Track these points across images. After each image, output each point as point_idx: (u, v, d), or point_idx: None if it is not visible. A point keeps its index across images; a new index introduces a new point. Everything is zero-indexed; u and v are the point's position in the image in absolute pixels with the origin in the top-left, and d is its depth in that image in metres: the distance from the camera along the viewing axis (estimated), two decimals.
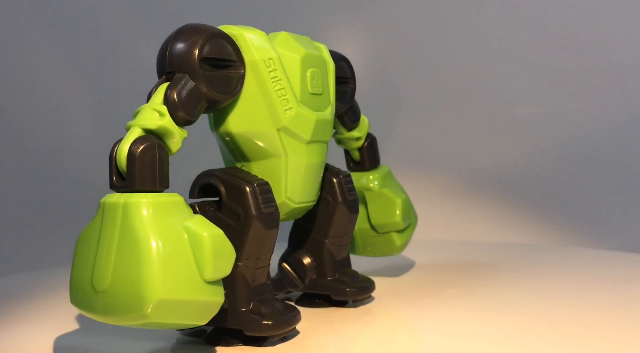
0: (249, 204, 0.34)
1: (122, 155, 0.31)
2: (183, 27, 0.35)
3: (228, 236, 0.32)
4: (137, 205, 0.30)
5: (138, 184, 0.31)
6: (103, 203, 0.31)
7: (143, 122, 0.32)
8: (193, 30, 0.34)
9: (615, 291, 0.45)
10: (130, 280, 0.29)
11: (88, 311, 0.31)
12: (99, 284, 0.30)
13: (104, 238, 0.30)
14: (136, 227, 0.30)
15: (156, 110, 0.32)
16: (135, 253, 0.29)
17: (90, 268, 0.30)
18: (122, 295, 0.29)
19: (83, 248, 0.31)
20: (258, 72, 0.36)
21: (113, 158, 0.31)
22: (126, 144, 0.31)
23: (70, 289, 0.31)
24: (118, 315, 0.30)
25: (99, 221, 0.31)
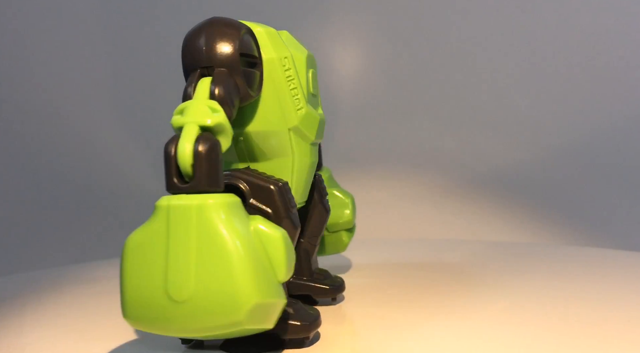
0: (279, 204, 0.34)
1: (186, 154, 0.29)
2: (215, 21, 0.33)
3: None
4: (213, 207, 0.28)
5: (206, 185, 0.29)
6: (166, 206, 0.29)
7: (199, 118, 0.30)
8: (228, 24, 0.33)
9: (616, 290, 0.45)
10: (221, 286, 0.27)
11: (157, 324, 0.28)
12: (178, 294, 0.28)
13: (176, 243, 0.28)
14: (217, 230, 0.28)
15: (208, 106, 0.30)
16: (221, 257, 0.28)
17: (161, 277, 0.28)
18: (211, 303, 0.27)
19: (141, 257, 0.28)
20: (274, 70, 0.35)
21: (172, 158, 0.29)
22: (188, 143, 0.29)
23: (126, 303, 0.28)
24: (205, 324, 0.28)
25: (162, 226, 0.28)
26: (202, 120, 0.30)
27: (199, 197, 0.29)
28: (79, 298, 0.49)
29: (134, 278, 0.28)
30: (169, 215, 0.28)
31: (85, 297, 0.49)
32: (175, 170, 0.29)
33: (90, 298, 0.48)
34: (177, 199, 0.29)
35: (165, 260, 0.28)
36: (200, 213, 0.28)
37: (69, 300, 0.48)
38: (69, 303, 0.47)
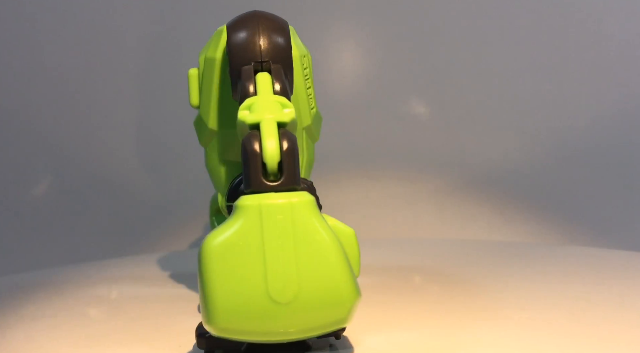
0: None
1: (275, 152, 0.28)
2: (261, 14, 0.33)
3: None
4: (307, 205, 0.27)
5: (294, 182, 0.28)
6: (257, 206, 0.27)
7: (275, 114, 0.29)
8: (276, 18, 0.33)
9: (616, 290, 0.45)
10: (324, 284, 0.27)
11: (257, 329, 0.27)
12: (281, 295, 0.27)
13: (273, 243, 0.27)
14: (315, 228, 0.27)
15: (278, 101, 0.29)
16: (321, 255, 0.27)
17: (261, 280, 0.27)
18: (316, 302, 0.27)
19: (234, 260, 0.27)
20: (297, 68, 0.34)
21: (258, 155, 0.28)
22: (274, 140, 0.28)
23: (216, 310, 0.27)
24: (309, 324, 0.27)
25: (255, 226, 0.27)
26: (279, 116, 0.29)
27: (288, 195, 0.28)
28: (78, 300, 0.49)
29: (227, 284, 0.27)
30: (261, 215, 0.27)
31: (83, 299, 0.49)
32: (261, 168, 0.28)
33: (89, 299, 0.48)
34: (267, 198, 0.27)
35: (262, 261, 0.27)
36: (295, 211, 0.27)
37: (68, 301, 0.48)
38: (69, 304, 0.47)
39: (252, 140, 0.28)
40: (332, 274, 0.27)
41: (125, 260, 0.63)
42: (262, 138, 0.28)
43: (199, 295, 0.28)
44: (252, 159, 0.28)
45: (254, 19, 0.32)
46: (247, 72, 0.31)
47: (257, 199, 0.27)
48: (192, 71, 0.37)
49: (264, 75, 0.31)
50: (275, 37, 0.32)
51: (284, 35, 0.32)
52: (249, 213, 0.27)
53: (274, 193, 0.28)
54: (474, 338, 0.35)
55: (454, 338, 0.35)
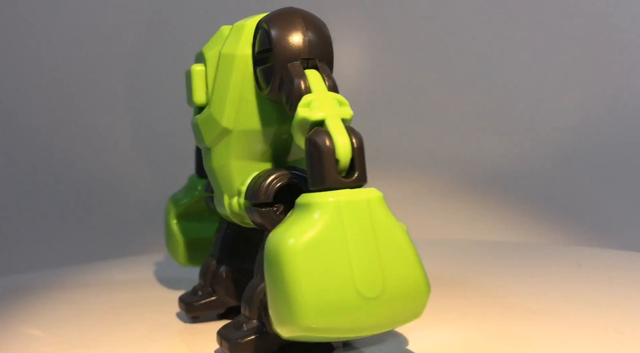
0: None
1: (348, 148, 0.28)
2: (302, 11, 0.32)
3: None
4: (380, 200, 0.28)
5: (364, 178, 0.28)
6: (336, 203, 0.27)
7: (338, 111, 0.29)
8: (313, 15, 0.32)
9: (616, 290, 0.45)
10: (406, 278, 0.28)
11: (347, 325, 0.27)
12: (370, 290, 0.27)
13: (357, 239, 0.27)
14: (390, 223, 0.28)
15: (335, 98, 0.30)
16: (400, 249, 0.28)
17: (349, 276, 0.27)
18: (400, 296, 0.28)
19: (319, 258, 0.27)
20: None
21: (332, 152, 0.28)
22: (345, 136, 0.28)
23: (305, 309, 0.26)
24: (394, 318, 0.28)
25: (337, 223, 0.27)
26: (342, 113, 0.29)
27: (363, 191, 0.28)
28: (76, 301, 0.49)
29: (315, 282, 0.26)
30: (342, 212, 0.27)
31: (81, 300, 0.49)
32: (335, 164, 0.28)
33: (88, 301, 0.48)
34: (344, 195, 0.28)
35: (348, 257, 0.27)
36: (372, 207, 0.28)
37: (67, 300, 0.48)
38: (66, 306, 0.47)
39: (322, 137, 0.28)
40: (411, 268, 0.28)
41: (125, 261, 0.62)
42: (333, 134, 0.28)
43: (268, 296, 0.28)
44: (327, 156, 0.28)
45: (297, 16, 0.32)
46: (297, 68, 0.31)
47: (334, 196, 0.28)
48: (197, 67, 0.36)
49: (313, 72, 0.31)
50: (320, 34, 0.32)
51: (327, 32, 0.32)
52: (330, 210, 0.27)
53: (348, 190, 0.28)
54: (472, 336, 0.35)
55: (450, 337, 0.35)
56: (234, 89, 0.33)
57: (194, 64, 0.37)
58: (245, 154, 0.34)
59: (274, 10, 0.33)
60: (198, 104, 0.35)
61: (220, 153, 0.35)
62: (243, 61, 0.33)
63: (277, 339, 0.31)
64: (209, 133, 0.35)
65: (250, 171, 0.34)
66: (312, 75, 0.31)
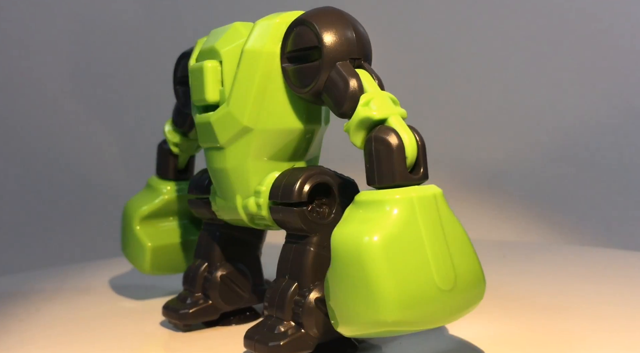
0: None
1: (414, 146, 0.29)
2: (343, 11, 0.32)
3: None
4: (442, 196, 0.29)
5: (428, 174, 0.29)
6: (409, 198, 0.28)
7: (397, 110, 0.29)
8: (350, 16, 0.32)
9: (616, 290, 0.45)
10: (471, 269, 0.29)
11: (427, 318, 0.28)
12: (445, 283, 0.27)
13: (430, 234, 0.28)
14: (452, 216, 0.29)
15: (390, 97, 0.30)
16: (463, 242, 0.29)
17: (428, 270, 0.27)
18: (468, 287, 0.28)
19: (399, 253, 0.27)
20: None
21: (401, 150, 0.28)
22: (410, 134, 0.29)
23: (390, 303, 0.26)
24: (464, 309, 0.29)
25: (412, 218, 0.28)
26: (402, 112, 0.30)
27: (429, 187, 0.29)
28: (74, 301, 0.48)
29: (397, 277, 0.27)
30: (415, 207, 0.28)
31: (79, 300, 0.48)
32: (405, 161, 0.28)
33: (86, 301, 0.48)
34: (414, 191, 0.28)
35: (424, 252, 0.27)
36: (438, 202, 0.29)
37: (67, 300, 0.48)
38: (64, 306, 0.47)
39: (391, 134, 0.28)
40: (472, 258, 0.29)
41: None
42: (400, 132, 0.28)
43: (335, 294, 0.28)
44: (397, 153, 0.28)
45: (343, 16, 0.32)
46: (348, 68, 0.31)
47: (405, 192, 0.28)
48: (209, 63, 0.34)
49: (363, 72, 0.31)
50: (364, 34, 0.32)
51: (366, 34, 0.32)
52: (405, 206, 0.28)
53: (416, 186, 0.28)
54: (472, 335, 0.35)
55: (450, 337, 0.35)
56: (259, 87, 0.33)
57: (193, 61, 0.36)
58: (264, 154, 0.34)
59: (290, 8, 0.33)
60: (211, 101, 0.34)
61: (237, 153, 0.34)
62: (270, 58, 0.33)
63: (315, 339, 0.31)
64: (226, 131, 0.34)
65: (267, 171, 0.34)
66: (363, 75, 0.31)
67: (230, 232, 0.39)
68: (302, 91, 0.32)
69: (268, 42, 0.33)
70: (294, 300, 0.32)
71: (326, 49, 0.31)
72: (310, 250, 0.32)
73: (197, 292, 0.38)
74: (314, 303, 0.31)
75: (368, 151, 0.29)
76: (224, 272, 0.38)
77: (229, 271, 0.38)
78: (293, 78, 0.32)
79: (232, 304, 0.39)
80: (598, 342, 0.34)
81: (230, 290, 0.38)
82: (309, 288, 0.32)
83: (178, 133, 0.44)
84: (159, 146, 0.45)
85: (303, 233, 0.32)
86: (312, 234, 0.32)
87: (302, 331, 0.31)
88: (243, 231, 0.39)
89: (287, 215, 0.32)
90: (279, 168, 0.34)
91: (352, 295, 0.27)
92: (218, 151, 0.35)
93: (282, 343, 0.31)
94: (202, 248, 0.40)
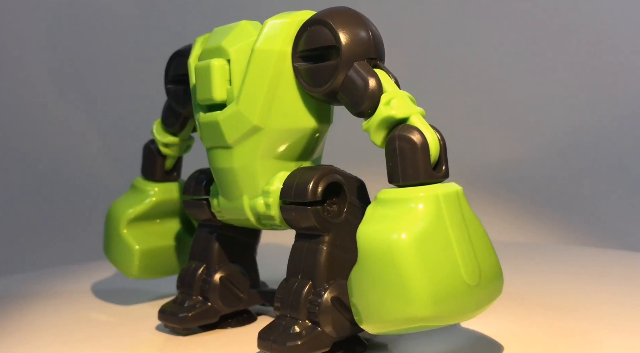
0: (368, 197, 0.33)
1: (437, 144, 0.29)
2: (355, 11, 0.32)
3: (353, 235, 0.30)
4: (463, 192, 0.29)
5: (449, 171, 0.30)
6: (435, 196, 0.28)
7: (417, 109, 0.30)
8: (364, 16, 0.33)
9: (616, 290, 0.45)
10: (492, 264, 0.29)
11: (457, 314, 0.28)
12: (472, 278, 0.28)
13: (456, 230, 0.28)
14: (472, 212, 0.29)
15: (408, 97, 0.30)
16: (483, 237, 0.29)
17: (456, 266, 0.28)
18: (490, 281, 0.29)
19: (431, 250, 0.27)
20: None
21: (426, 148, 0.29)
22: (432, 132, 0.29)
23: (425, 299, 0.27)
24: (485, 302, 0.29)
25: (439, 216, 0.28)
26: (421, 110, 0.30)
27: (449, 184, 0.29)
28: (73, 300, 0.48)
29: (429, 272, 0.27)
30: (441, 204, 0.28)
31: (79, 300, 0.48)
32: (429, 159, 0.29)
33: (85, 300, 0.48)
34: (439, 188, 0.28)
35: (452, 248, 0.28)
36: (460, 199, 0.29)
37: (66, 299, 0.48)
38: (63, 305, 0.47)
39: (415, 133, 0.29)
40: (491, 253, 0.30)
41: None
42: (424, 131, 0.29)
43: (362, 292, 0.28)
44: (422, 151, 0.28)
45: (359, 16, 0.32)
46: (367, 67, 0.31)
47: (430, 190, 0.28)
48: (216, 62, 0.34)
49: (380, 71, 0.31)
50: (379, 34, 0.32)
51: (380, 35, 0.32)
52: (432, 203, 0.28)
53: (439, 184, 0.29)
54: (470, 337, 0.35)
55: (449, 337, 0.35)
56: (270, 86, 0.32)
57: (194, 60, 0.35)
58: (273, 153, 0.34)
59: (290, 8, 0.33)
60: (218, 100, 0.34)
61: (245, 152, 0.33)
62: (281, 57, 0.32)
63: (331, 338, 0.31)
64: (235, 130, 0.33)
65: (275, 170, 0.34)
66: (381, 74, 0.31)
67: (228, 233, 0.39)
68: (317, 90, 0.32)
69: (279, 41, 0.33)
70: (309, 299, 0.32)
71: (345, 49, 0.31)
72: (324, 249, 0.32)
73: (195, 295, 0.38)
74: (330, 301, 0.31)
75: (392, 150, 0.29)
76: (223, 274, 0.38)
77: (229, 273, 0.38)
78: (306, 77, 0.32)
79: (232, 306, 0.38)
80: (598, 341, 0.34)
81: (230, 292, 0.38)
82: (324, 287, 0.32)
83: (168, 133, 0.43)
84: (146, 147, 0.44)
85: (315, 232, 0.32)
86: (325, 233, 0.32)
87: (318, 330, 0.31)
88: (240, 232, 0.39)
89: (300, 214, 0.32)
90: (287, 167, 0.34)
91: (383, 292, 0.28)
92: (225, 151, 0.34)
93: (300, 343, 0.31)
94: (199, 249, 0.39)
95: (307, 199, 0.32)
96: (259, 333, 0.32)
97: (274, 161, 0.34)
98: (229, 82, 0.34)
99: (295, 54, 0.33)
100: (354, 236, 0.29)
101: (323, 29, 0.32)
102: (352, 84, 0.31)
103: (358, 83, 0.30)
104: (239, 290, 0.38)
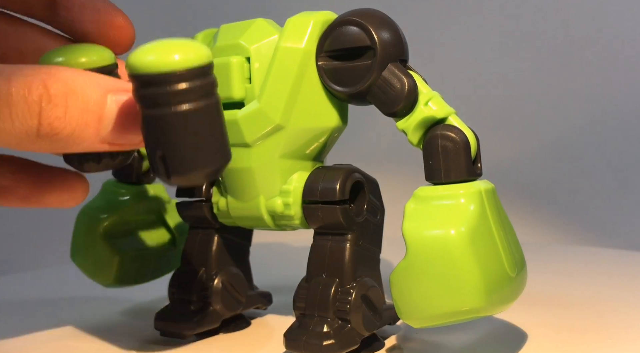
0: (381, 196, 0.34)
1: (474, 142, 0.30)
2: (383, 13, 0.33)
3: (372, 234, 0.32)
4: (495, 188, 0.31)
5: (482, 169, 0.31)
6: (478, 191, 0.29)
7: (452, 109, 0.31)
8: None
9: (616, 290, 0.45)
10: (521, 257, 0.31)
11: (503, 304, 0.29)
12: (512, 270, 0.29)
13: (496, 224, 0.29)
14: (503, 208, 0.31)
15: (440, 97, 0.31)
16: (511, 230, 0.31)
17: (500, 258, 0.29)
18: (523, 273, 0.30)
19: (481, 244, 0.28)
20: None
21: (468, 146, 0.30)
22: (470, 131, 0.30)
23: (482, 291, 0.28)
24: (518, 292, 0.30)
25: (482, 210, 0.29)
26: (454, 110, 0.31)
27: (484, 181, 0.30)
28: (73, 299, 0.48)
29: (482, 266, 0.28)
30: (484, 199, 0.29)
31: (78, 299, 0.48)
32: (471, 157, 0.30)
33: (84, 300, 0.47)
34: (480, 185, 0.30)
35: (495, 241, 0.29)
36: (494, 195, 0.30)
37: (66, 299, 0.48)
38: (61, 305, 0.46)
39: (456, 132, 0.30)
40: (519, 246, 0.31)
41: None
42: (465, 130, 0.30)
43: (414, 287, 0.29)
44: (465, 149, 0.30)
45: (388, 18, 0.33)
46: (401, 68, 0.32)
47: (473, 186, 0.29)
48: (234, 59, 0.33)
49: (413, 72, 0.32)
50: (404, 37, 0.33)
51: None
52: (477, 199, 0.29)
53: (477, 181, 0.30)
54: (470, 337, 0.35)
55: (449, 338, 0.35)
56: (294, 85, 0.32)
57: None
58: (292, 153, 0.33)
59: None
60: (237, 98, 0.33)
61: (264, 151, 0.33)
62: (306, 56, 0.32)
63: (360, 334, 0.32)
64: (255, 129, 0.33)
65: (293, 170, 0.34)
66: (414, 75, 0.32)
67: (224, 235, 0.38)
68: (345, 90, 0.32)
69: (304, 41, 0.33)
70: (337, 297, 0.32)
71: (380, 50, 0.31)
72: (349, 247, 0.32)
73: (195, 300, 0.37)
74: (360, 299, 0.32)
75: (434, 148, 0.30)
76: (224, 277, 0.37)
77: (229, 276, 0.37)
78: (332, 77, 0.32)
79: (232, 310, 0.37)
80: (599, 339, 0.34)
81: (231, 295, 0.37)
82: (352, 284, 0.32)
83: None
84: None
85: (340, 230, 0.33)
86: (349, 232, 0.33)
87: (348, 327, 0.31)
88: (235, 234, 0.38)
89: (327, 213, 0.32)
90: (304, 167, 0.34)
91: (436, 286, 0.28)
92: (242, 150, 0.33)
93: (334, 342, 0.31)
94: (195, 253, 0.38)
95: (335, 198, 0.32)
96: (285, 334, 0.32)
97: (292, 161, 0.34)
98: (249, 80, 0.33)
99: (320, 53, 0.33)
100: (374, 234, 0.31)
101: (356, 29, 0.32)
102: (388, 84, 0.31)
103: (394, 83, 0.31)
104: (239, 293, 0.38)
